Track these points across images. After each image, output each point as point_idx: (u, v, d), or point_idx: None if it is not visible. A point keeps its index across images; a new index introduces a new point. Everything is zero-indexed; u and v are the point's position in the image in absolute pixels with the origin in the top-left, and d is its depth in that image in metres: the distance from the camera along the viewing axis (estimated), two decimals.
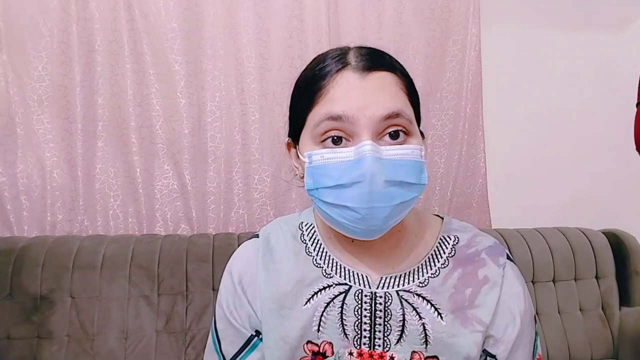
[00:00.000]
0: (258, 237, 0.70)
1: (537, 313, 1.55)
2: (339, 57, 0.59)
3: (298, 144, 0.62)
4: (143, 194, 1.54)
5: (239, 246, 0.72)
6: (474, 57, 1.70)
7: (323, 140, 0.56)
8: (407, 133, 0.57)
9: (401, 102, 0.57)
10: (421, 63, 1.68)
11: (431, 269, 0.63)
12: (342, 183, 0.54)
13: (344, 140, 0.56)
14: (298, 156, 0.62)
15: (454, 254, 0.64)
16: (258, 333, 0.66)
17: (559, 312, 1.56)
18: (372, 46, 0.62)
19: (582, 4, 1.87)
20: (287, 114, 0.65)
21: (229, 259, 0.71)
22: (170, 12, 1.51)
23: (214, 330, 0.69)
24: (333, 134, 0.55)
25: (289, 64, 1.57)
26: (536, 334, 0.65)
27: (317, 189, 0.57)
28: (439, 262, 0.64)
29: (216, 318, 0.69)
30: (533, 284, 1.57)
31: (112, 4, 1.48)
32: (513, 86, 1.83)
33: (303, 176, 0.61)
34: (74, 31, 1.47)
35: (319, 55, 0.62)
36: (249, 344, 0.66)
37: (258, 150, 1.59)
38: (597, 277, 1.61)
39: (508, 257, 0.66)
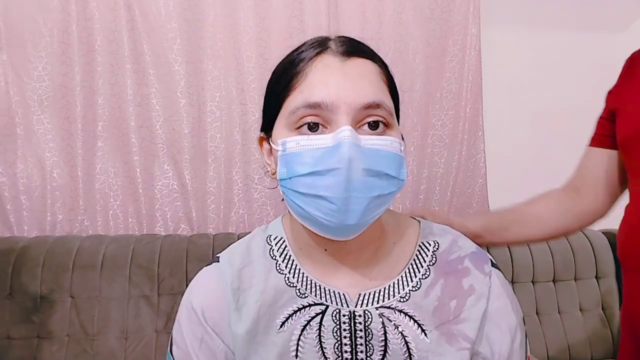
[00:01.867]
0: (218, 261, 0.63)
1: (537, 313, 1.55)
2: (318, 43, 0.55)
3: (271, 137, 0.58)
4: (143, 194, 1.54)
5: None
6: (474, 57, 1.70)
7: (298, 127, 0.52)
8: (386, 125, 0.53)
9: (382, 93, 0.54)
10: (421, 63, 1.68)
11: (412, 280, 0.58)
12: (318, 170, 0.50)
13: (320, 127, 0.52)
14: (271, 151, 0.58)
15: (435, 261, 0.60)
16: None
17: (559, 312, 1.56)
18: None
19: (582, 4, 1.87)
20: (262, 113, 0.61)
21: None
22: (170, 12, 1.51)
23: None
24: (310, 120, 0.51)
25: None
26: (525, 336, 0.62)
27: (290, 178, 0.52)
28: (419, 272, 0.59)
29: (174, 357, 0.62)
30: (533, 284, 1.57)
31: (112, 4, 1.48)
32: (513, 86, 1.83)
33: (274, 173, 0.57)
34: (74, 31, 1.47)
35: (298, 46, 0.58)
36: None
37: (258, 150, 1.58)
38: (597, 277, 1.61)
39: (493, 264, 0.61)
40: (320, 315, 0.57)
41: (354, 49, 0.55)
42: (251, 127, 1.57)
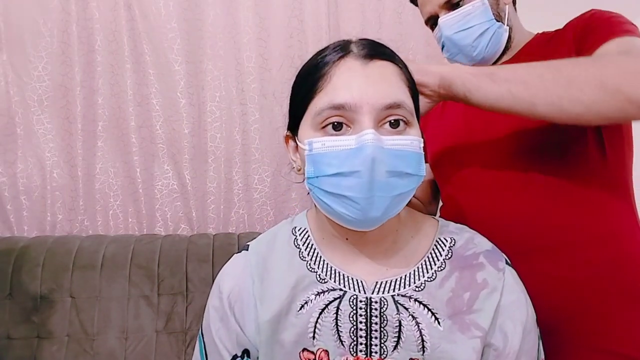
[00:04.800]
0: (247, 249, 0.68)
1: None
2: (341, 46, 0.58)
3: (297, 135, 0.60)
4: (143, 194, 1.54)
5: (238, 246, 0.71)
6: None
7: (324, 127, 0.55)
8: (407, 123, 0.56)
9: (402, 93, 0.56)
10: (421, 63, 1.67)
11: (427, 272, 0.61)
12: (342, 171, 0.53)
13: (344, 126, 0.55)
14: (297, 149, 0.61)
15: (451, 256, 0.62)
16: (244, 353, 0.64)
17: None
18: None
19: (582, 4, 1.87)
20: (287, 114, 0.64)
21: (228, 259, 0.71)
22: (170, 12, 1.51)
23: (201, 342, 0.68)
24: (334, 120, 0.54)
25: (289, 64, 1.57)
26: (538, 338, 0.63)
27: (317, 177, 0.55)
28: (435, 265, 0.61)
29: (203, 331, 0.68)
30: None
31: (112, 4, 1.48)
32: None
33: (300, 169, 0.60)
34: (74, 31, 1.47)
35: (321, 49, 0.62)
36: None
37: (258, 150, 1.58)
38: None
39: (507, 262, 0.64)
40: (338, 300, 0.60)
41: (374, 51, 0.58)
42: (251, 127, 1.57)
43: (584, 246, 0.75)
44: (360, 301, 0.60)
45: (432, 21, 0.93)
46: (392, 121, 0.55)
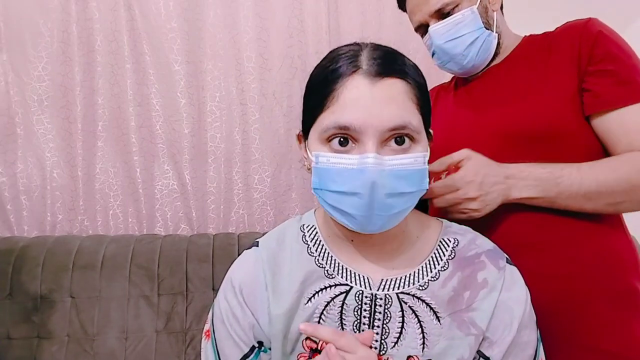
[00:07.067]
0: (257, 245, 0.70)
1: None
2: (352, 58, 0.58)
3: (307, 139, 0.62)
4: (143, 194, 1.54)
5: (238, 246, 0.72)
6: None
7: (330, 141, 0.57)
8: (412, 139, 0.57)
9: (408, 114, 0.56)
10: (421, 63, 1.62)
11: (431, 271, 0.63)
12: (344, 190, 0.56)
13: (350, 142, 0.56)
14: (307, 150, 0.63)
15: (454, 256, 0.64)
16: (260, 344, 0.66)
17: None
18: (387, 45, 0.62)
19: (581, 4, 1.87)
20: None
21: (229, 260, 0.71)
22: (170, 12, 1.51)
23: (213, 341, 0.68)
24: (340, 137, 0.56)
25: (289, 64, 1.57)
26: (538, 340, 0.64)
27: (321, 189, 0.59)
28: (438, 264, 0.64)
29: (214, 328, 0.68)
30: None
31: (112, 4, 1.48)
32: None
33: (310, 168, 0.62)
34: (74, 31, 1.47)
35: (332, 52, 0.62)
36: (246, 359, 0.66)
37: (258, 150, 1.58)
38: None
39: (508, 261, 0.66)
40: (344, 294, 0.63)
41: (384, 68, 0.57)
42: (251, 127, 1.57)
43: (568, 243, 0.77)
44: (366, 297, 0.62)
45: (422, 29, 0.94)
46: (398, 139, 0.56)
